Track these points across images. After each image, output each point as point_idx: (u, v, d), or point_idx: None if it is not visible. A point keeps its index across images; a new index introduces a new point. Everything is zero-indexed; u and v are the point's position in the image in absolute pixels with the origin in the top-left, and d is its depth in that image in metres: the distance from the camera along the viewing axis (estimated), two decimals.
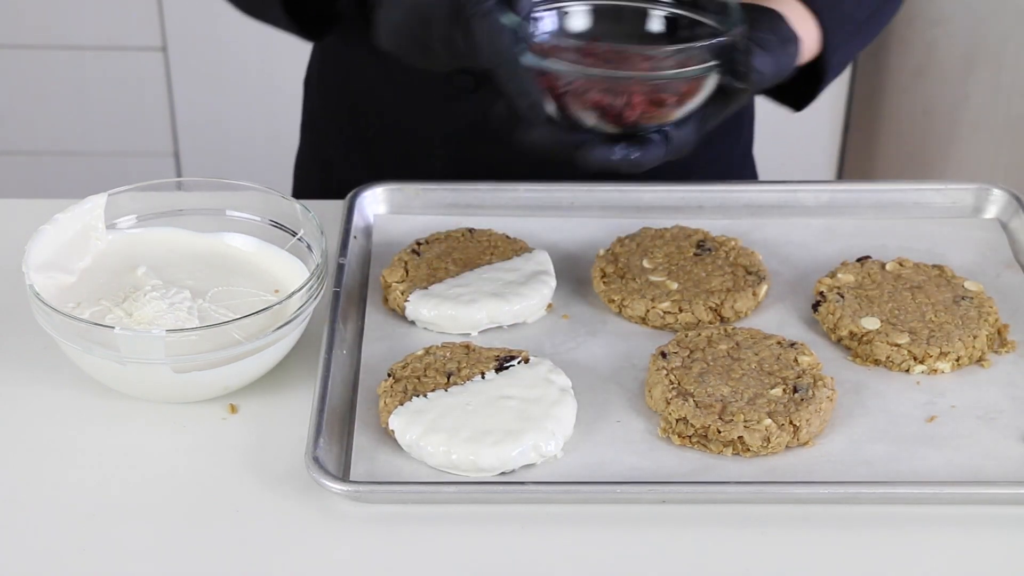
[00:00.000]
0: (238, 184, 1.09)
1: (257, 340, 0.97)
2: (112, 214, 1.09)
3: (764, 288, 1.10)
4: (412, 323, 1.08)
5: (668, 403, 0.97)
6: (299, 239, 1.08)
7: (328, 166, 1.38)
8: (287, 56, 2.43)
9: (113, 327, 0.95)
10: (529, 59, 0.96)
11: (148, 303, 1.00)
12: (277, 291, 1.05)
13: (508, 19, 0.95)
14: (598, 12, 1.06)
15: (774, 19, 1.04)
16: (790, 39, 1.03)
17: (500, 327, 1.08)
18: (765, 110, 1.35)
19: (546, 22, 1.04)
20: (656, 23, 1.06)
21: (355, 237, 1.15)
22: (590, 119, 0.99)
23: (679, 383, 0.98)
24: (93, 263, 1.05)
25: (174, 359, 0.95)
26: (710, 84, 0.99)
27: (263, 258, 1.08)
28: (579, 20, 1.06)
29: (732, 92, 1.00)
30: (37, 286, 0.98)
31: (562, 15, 1.06)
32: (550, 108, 0.98)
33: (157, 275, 1.05)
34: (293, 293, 0.99)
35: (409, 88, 1.27)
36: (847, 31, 1.12)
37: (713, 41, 0.98)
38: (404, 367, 1.00)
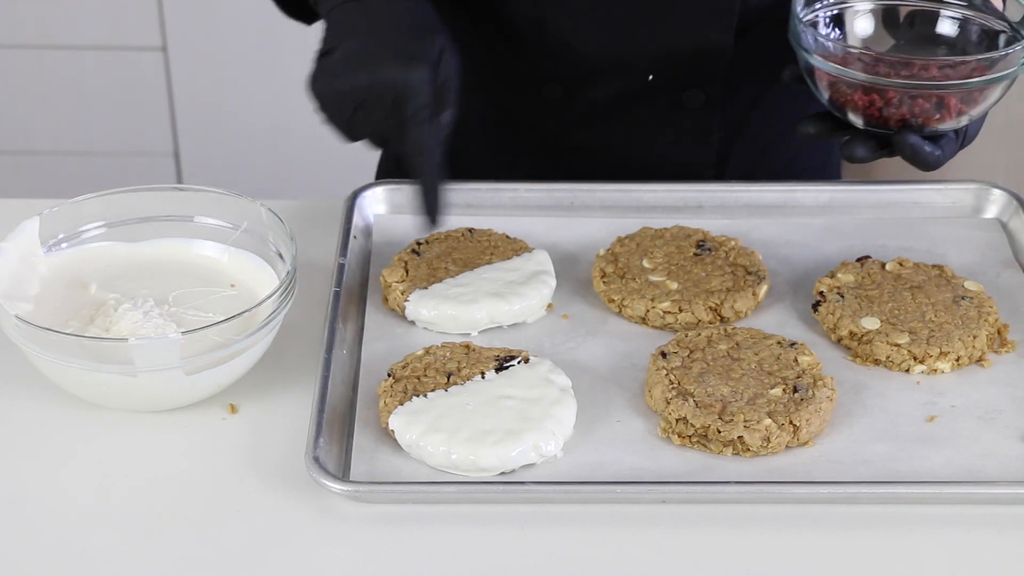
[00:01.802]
0: (204, 189, 1.10)
1: (251, 335, 0.97)
2: (75, 224, 1.08)
3: (764, 288, 1.10)
4: (412, 323, 1.08)
5: (668, 403, 0.97)
6: (244, 231, 1.08)
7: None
8: (287, 56, 2.44)
9: (127, 339, 0.95)
10: (845, 73, 1.01)
11: (123, 316, 1.00)
12: (233, 285, 1.06)
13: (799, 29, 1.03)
14: (880, 11, 1.11)
15: None
16: None
17: (500, 327, 1.08)
18: None
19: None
20: (946, 25, 1.10)
21: (355, 237, 1.15)
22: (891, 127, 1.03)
23: (679, 383, 0.98)
24: (42, 288, 1.04)
25: (187, 361, 0.95)
26: (1002, 84, 1.03)
27: (206, 257, 1.09)
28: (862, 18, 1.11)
29: None
30: (21, 314, 0.97)
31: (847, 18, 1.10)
32: (856, 120, 1.03)
33: (110, 289, 1.05)
34: (289, 280, 1.00)
35: (496, 95, 1.27)
36: None
37: (1015, 48, 1.02)
38: (404, 367, 1.00)
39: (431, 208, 1.04)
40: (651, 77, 1.21)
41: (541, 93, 1.24)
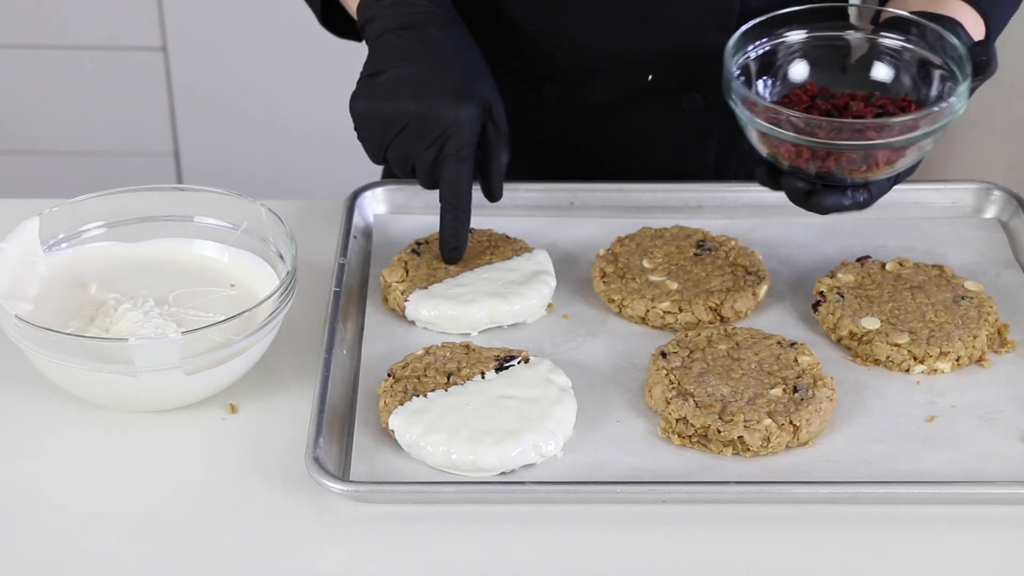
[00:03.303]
0: (204, 189, 1.10)
1: (251, 335, 0.97)
2: (75, 224, 1.08)
3: (764, 288, 1.10)
4: (412, 323, 1.08)
5: (668, 403, 0.97)
6: (244, 231, 1.08)
7: None
8: (288, 56, 2.44)
9: (127, 339, 0.95)
10: (765, 128, 1.00)
11: (123, 316, 1.00)
12: (233, 285, 1.06)
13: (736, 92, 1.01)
14: (814, 44, 1.09)
15: (954, 27, 1.05)
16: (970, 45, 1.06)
17: (500, 327, 1.08)
18: None
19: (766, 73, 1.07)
20: (881, 71, 1.07)
21: (355, 237, 1.15)
22: (817, 177, 1.01)
23: (679, 383, 0.98)
24: (42, 288, 1.04)
25: (187, 361, 0.95)
26: (942, 132, 1.01)
27: (206, 257, 1.09)
28: (796, 57, 1.08)
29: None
30: (21, 314, 0.97)
31: (780, 57, 1.08)
32: (784, 164, 1.02)
33: (109, 289, 1.05)
34: (289, 280, 1.00)
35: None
36: (1003, 20, 1.15)
37: (948, 103, 0.99)
38: (404, 367, 1.00)
39: (457, 243, 1.08)
40: (650, 77, 1.21)
41: (540, 93, 1.24)
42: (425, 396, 0.96)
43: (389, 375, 0.99)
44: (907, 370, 1.03)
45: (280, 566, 0.88)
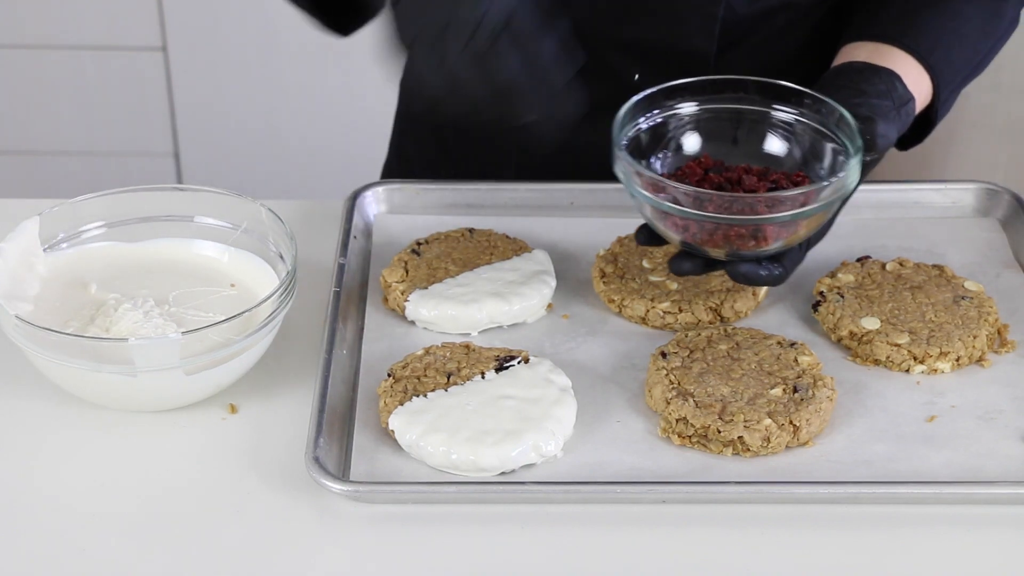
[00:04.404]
0: (204, 189, 1.10)
1: (251, 335, 0.97)
2: (75, 224, 1.08)
3: (764, 288, 1.10)
4: (412, 323, 1.08)
5: (668, 403, 0.97)
6: (244, 231, 1.08)
7: (410, 170, 1.37)
8: (288, 56, 2.44)
9: (127, 339, 0.95)
10: (650, 201, 0.98)
11: (123, 316, 1.00)
12: (233, 285, 1.06)
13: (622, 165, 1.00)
14: (706, 116, 1.08)
15: (891, 80, 1.05)
16: (906, 100, 1.05)
17: (500, 327, 1.08)
18: None
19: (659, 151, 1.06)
20: (774, 143, 1.07)
21: (355, 237, 1.15)
22: (723, 254, 1.00)
23: (679, 383, 0.98)
24: (42, 288, 1.04)
25: (187, 361, 0.95)
26: (835, 207, 0.99)
27: (206, 257, 1.09)
28: (689, 129, 1.07)
29: (864, 167, 1.01)
30: (21, 314, 0.97)
31: (672, 129, 1.07)
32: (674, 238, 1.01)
33: (109, 289, 1.05)
34: (289, 280, 1.00)
35: None
36: (957, 81, 1.14)
37: (837, 178, 0.98)
38: (404, 367, 1.00)
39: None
40: (636, 77, 1.21)
41: None
42: (425, 396, 0.96)
43: (389, 375, 0.99)
44: (907, 370, 1.03)
45: (280, 566, 0.88)
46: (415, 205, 1.21)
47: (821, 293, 1.08)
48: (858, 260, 1.12)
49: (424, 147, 1.36)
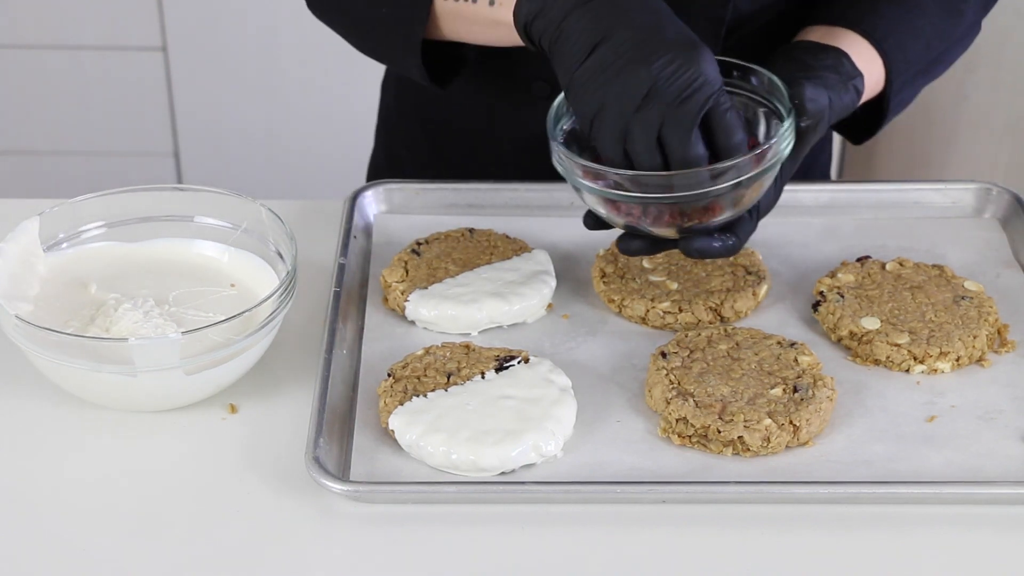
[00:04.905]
0: (204, 189, 1.10)
1: (251, 335, 0.97)
2: (75, 224, 1.08)
3: (764, 288, 1.10)
4: (412, 323, 1.08)
5: (668, 403, 0.97)
6: (244, 231, 1.08)
7: (399, 165, 1.37)
8: (287, 57, 2.44)
9: (127, 339, 0.95)
10: (588, 189, 0.97)
11: (123, 316, 1.00)
12: (233, 285, 1.06)
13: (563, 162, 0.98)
14: None
15: (838, 57, 1.05)
16: (853, 75, 1.05)
17: (500, 327, 1.08)
18: None
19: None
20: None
21: (355, 237, 1.15)
22: (673, 232, 0.99)
23: (679, 383, 0.98)
24: (42, 288, 1.04)
25: (187, 361, 0.95)
26: (774, 171, 0.99)
27: (206, 257, 1.09)
28: None
29: (801, 134, 1.01)
30: (21, 314, 0.97)
31: None
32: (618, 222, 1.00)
33: (110, 289, 1.05)
34: (289, 280, 1.00)
35: (485, 92, 1.26)
36: (912, 72, 1.14)
37: (771, 143, 0.97)
38: (404, 367, 1.00)
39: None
40: None
41: (530, 90, 1.24)
42: (425, 396, 0.96)
43: (389, 375, 0.99)
44: (907, 370, 1.03)
45: (280, 566, 0.88)
46: (415, 205, 1.21)
47: (821, 293, 1.09)
48: (858, 260, 1.12)
49: (414, 147, 1.36)
